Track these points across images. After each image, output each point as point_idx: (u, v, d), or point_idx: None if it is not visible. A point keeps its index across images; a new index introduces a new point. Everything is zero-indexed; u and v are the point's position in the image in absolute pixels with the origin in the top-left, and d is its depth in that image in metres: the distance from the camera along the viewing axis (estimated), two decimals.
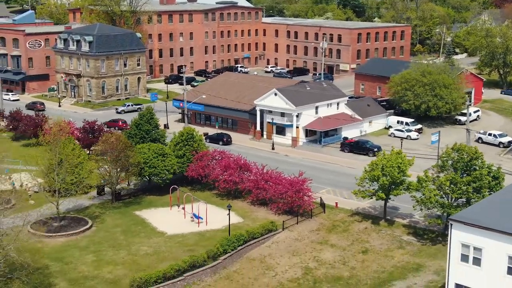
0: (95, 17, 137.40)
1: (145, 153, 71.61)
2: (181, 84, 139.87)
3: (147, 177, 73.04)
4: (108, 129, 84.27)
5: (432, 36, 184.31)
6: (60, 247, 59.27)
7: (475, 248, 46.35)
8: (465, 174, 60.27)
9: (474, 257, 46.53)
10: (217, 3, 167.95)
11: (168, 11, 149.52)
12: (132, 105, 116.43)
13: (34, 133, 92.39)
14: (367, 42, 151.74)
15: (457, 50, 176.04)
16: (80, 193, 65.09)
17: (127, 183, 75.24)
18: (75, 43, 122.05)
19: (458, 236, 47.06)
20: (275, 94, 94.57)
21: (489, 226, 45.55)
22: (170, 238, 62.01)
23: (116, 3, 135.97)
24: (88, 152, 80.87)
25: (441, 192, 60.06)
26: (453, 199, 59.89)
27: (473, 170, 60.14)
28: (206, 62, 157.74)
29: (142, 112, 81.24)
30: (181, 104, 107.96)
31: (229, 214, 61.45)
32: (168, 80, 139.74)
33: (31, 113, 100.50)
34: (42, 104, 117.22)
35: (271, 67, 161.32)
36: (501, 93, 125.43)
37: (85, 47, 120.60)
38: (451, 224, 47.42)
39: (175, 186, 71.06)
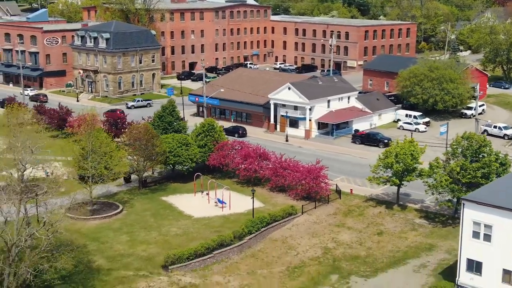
0: (110, 15, 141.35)
1: (169, 143, 75.61)
2: (193, 80, 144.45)
3: (171, 165, 77.08)
4: (133, 121, 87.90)
5: (437, 33, 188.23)
6: (95, 228, 63.28)
7: (485, 226, 50.30)
8: (474, 161, 64.23)
9: (484, 234, 50.48)
10: (226, 1, 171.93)
11: (180, 9, 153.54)
12: (141, 101, 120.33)
13: (59, 125, 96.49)
14: (373, 39, 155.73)
15: (461, 47, 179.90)
16: (111, 178, 68.94)
17: (151, 171, 79.27)
18: (92, 40, 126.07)
19: (470, 214, 51.01)
20: (289, 88, 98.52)
21: (498, 204, 49.52)
22: (197, 221, 66.05)
23: (130, 1, 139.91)
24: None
25: (452, 178, 63.97)
26: (463, 184, 63.83)
27: (482, 157, 64.07)
28: (217, 59, 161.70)
29: (165, 105, 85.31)
30: (196, 99, 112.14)
31: (253, 197, 65.55)
32: (181, 76, 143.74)
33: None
34: (45, 96, 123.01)
35: (279, 63, 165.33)
36: (489, 86, 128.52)
37: (102, 44, 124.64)
38: (464, 204, 51.41)
39: (199, 173, 75.08)
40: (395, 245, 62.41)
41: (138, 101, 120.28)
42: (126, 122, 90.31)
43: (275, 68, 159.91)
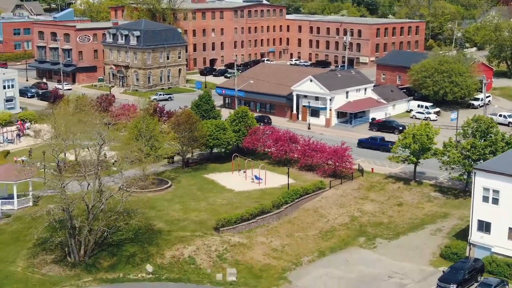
0: (137, 14, 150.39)
1: (209, 127, 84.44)
2: (215, 75, 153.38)
3: (210, 148, 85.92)
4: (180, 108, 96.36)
5: (444, 31, 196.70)
6: (150, 199, 72.02)
7: (493, 191, 58.95)
8: (483, 140, 72.93)
9: (493, 198, 59.14)
10: (244, 1, 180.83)
11: (201, 9, 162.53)
12: (163, 94, 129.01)
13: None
14: (385, 36, 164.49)
15: (467, 44, 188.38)
16: (163, 158, 77.60)
17: (191, 153, 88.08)
18: (123, 37, 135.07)
19: (480, 181, 59.70)
20: (311, 81, 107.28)
21: (505, 172, 58.23)
22: (238, 194, 74.90)
23: (157, 1, 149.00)
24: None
25: (463, 155, 72.63)
26: (473, 160, 72.45)
27: (489, 136, 72.77)
28: (235, 55, 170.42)
29: (202, 95, 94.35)
30: (223, 91, 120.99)
31: (288, 172, 74.47)
32: (204, 72, 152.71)
33: None
34: (45, 83, 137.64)
35: (294, 60, 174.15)
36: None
37: (133, 41, 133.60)
38: (475, 173, 60.14)
39: (236, 154, 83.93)
40: (414, 214, 71.22)
41: (160, 94, 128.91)
42: (165, 111, 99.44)
43: (290, 64, 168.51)
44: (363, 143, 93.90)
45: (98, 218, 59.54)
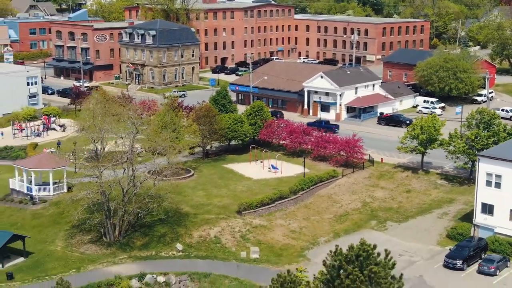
0: (152, 14, 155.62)
1: (227, 121, 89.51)
2: (227, 73, 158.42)
3: (228, 140, 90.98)
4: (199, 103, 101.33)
5: (448, 30, 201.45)
6: (172, 187, 76.56)
7: (496, 175, 63.88)
8: (486, 131, 77.82)
9: (495, 182, 64.07)
10: (253, 1, 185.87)
11: (213, 9, 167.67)
12: (177, 91, 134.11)
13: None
14: (390, 35, 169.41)
15: (470, 43, 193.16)
16: (186, 149, 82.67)
17: (210, 145, 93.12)
18: (139, 36, 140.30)
19: (484, 167, 64.66)
20: (321, 77, 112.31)
21: (506, 158, 63.17)
22: (256, 181, 79.95)
23: (170, 1, 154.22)
24: None
25: (468, 144, 77.53)
26: (477, 150, 77.30)
27: (492, 127, 77.68)
28: (245, 54, 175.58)
29: (219, 90, 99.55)
30: (237, 88, 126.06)
31: (304, 161, 79.58)
32: (216, 70, 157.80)
33: None
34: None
35: (303, 58, 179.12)
36: None
37: (149, 40, 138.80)
38: (479, 159, 65.12)
39: (253, 145, 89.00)
40: (421, 200, 76.19)
41: (175, 92, 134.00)
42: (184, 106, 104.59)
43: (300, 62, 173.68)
44: (310, 125, 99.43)
45: (131, 201, 64.70)
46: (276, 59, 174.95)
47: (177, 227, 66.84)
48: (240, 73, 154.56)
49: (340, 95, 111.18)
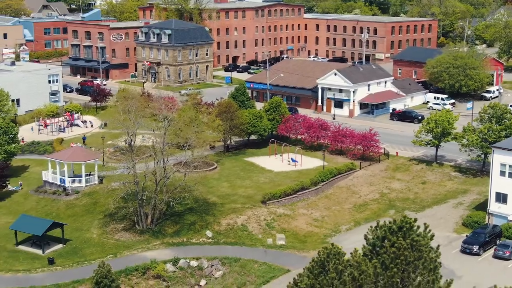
0: (166, 14, 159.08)
1: (247, 116, 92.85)
2: (239, 71, 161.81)
3: (248, 134, 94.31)
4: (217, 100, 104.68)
5: (454, 29, 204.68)
6: (200, 178, 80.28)
7: (509, 166, 67.13)
8: (498, 124, 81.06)
9: (509, 172, 67.34)
10: (264, 1, 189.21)
11: (225, 9, 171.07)
12: (192, 89, 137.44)
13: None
14: (399, 34, 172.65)
15: (476, 42, 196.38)
16: (209, 143, 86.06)
17: (230, 140, 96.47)
18: (155, 36, 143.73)
19: (498, 158, 67.93)
20: (335, 74, 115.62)
21: None
22: (277, 174, 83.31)
23: (184, 1, 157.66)
24: None
25: (480, 138, 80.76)
26: (490, 143, 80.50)
27: (504, 121, 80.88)
28: (256, 53, 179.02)
29: (238, 87, 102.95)
30: (251, 85, 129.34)
31: (323, 153, 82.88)
32: (228, 68, 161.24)
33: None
34: (92, 81, 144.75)
35: (312, 57, 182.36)
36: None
37: (164, 39, 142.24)
38: (493, 150, 68.41)
39: (273, 139, 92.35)
40: (437, 190, 79.48)
41: (190, 89, 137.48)
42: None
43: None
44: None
45: (162, 191, 68.08)
46: (286, 57, 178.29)
47: (206, 216, 70.26)
48: (252, 71, 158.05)
49: (353, 92, 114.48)
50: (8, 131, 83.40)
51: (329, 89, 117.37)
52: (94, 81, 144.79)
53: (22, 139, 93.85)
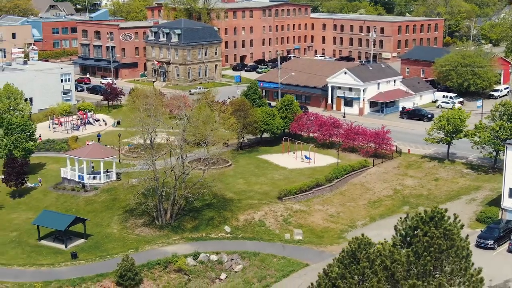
0: (175, 13, 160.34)
1: (260, 114, 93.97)
2: (247, 71, 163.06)
3: (261, 132, 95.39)
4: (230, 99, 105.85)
5: (460, 29, 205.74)
6: (216, 175, 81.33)
7: None
8: (509, 122, 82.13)
9: None
10: (270, 0, 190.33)
11: (233, 8, 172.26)
12: (202, 88, 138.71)
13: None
14: (406, 33, 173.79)
15: (482, 41, 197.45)
16: (224, 141, 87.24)
17: (243, 138, 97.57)
18: (165, 35, 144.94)
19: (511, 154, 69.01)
20: (345, 73, 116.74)
21: None
22: (292, 171, 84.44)
23: (193, 1, 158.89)
24: None
25: (492, 135, 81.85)
26: (501, 140, 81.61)
27: None
28: (263, 52, 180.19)
29: (250, 85, 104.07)
30: (261, 84, 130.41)
31: (338, 151, 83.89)
32: (236, 68, 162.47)
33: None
34: (89, 78, 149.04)
35: (319, 56, 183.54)
36: None
37: (174, 39, 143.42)
38: (507, 147, 69.43)
39: (286, 137, 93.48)
40: (450, 187, 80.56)
41: (200, 88, 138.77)
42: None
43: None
44: None
45: (181, 187, 69.22)
46: (293, 57, 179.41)
47: (224, 211, 71.42)
48: (260, 70, 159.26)
49: (363, 90, 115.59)
50: (26, 128, 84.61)
51: (339, 87, 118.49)
52: (103, 81, 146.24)
53: (40, 136, 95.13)
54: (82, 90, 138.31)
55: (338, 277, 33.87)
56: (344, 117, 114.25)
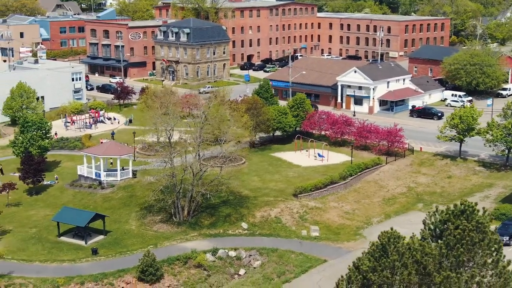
0: (184, 13, 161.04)
1: (272, 112, 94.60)
2: (255, 70, 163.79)
3: (273, 130, 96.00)
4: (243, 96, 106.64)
5: (466, 28, 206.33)
6: (231, 172, 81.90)
7: None
8: None
9: None
10: (277, 0, 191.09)
11: (240, 8, 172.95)
12: (210, 87, 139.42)
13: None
14: (412, 32, 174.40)
15: (488, 40, 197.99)
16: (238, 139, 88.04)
17: (254, 135, 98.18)
18: (174, 34, 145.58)
19: None
20: (355, 71, 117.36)
21: None
22: (305, 168, 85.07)
23: (201, 1, 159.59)
24: None
25: (505, 133, 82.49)
26: None
27: None
28: (270, 51, 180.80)
29: (262, 84, 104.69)
30: (270, 82, 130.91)
31: (352, 149, 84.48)
32: (244, 67, 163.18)
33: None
34: (87, 76, 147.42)
35: (326, 55, 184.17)
36: None
37: (183, 38, 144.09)
38: None
39: (299, 135, 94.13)
40: (463, 184, 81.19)
41: (208, 87, 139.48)
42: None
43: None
44: None
45: (198, 184, 69.88)
46: (300, 56, 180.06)
47: (240, 208, 72.07)
48: (267, 69, 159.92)
49: (373, 89, 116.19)
50: (42, 126, 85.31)
51: (349, 86, 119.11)
52: (112, 80, 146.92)
53: (56, 133, 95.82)
54: (91, 89, 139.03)
55: (370, 270, 34.48)
56: (354, 115, 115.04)
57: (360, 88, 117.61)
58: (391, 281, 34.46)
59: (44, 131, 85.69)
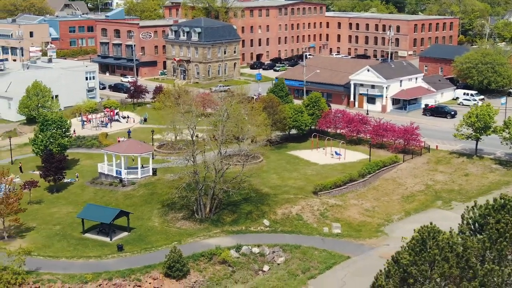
0: (195, 12, 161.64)
1: (288, 111, 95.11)
2: (264, 69, 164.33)
3: (289, 128, 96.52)
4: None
5: (474, 27, 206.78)
6: (250, 170, 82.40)
7: None
8: None
9: None
10: None
11: (250, 7, 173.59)
12: (222, 86, 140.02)
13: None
14: (421, 32, 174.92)
15: (496, 39, 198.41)
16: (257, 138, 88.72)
17: (271, 135, 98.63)
18: (185, 34, 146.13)
19: None
20: (368, 70, 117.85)
21: None
22: (323, 166, 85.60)
23: (211, 0, 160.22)
24: None
25: None
26: None
27: None
28: (279, 51, 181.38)
29: (277, 83, 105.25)
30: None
31: (370, 147, 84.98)
32: (254, 66, 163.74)
33: None
34: None
35: (335, 54, 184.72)
36: None
37: (194, 37, 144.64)
38: None
39: (315, 133, 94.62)
40: (480, 182, 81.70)
41: (220, 86, 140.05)
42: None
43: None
44: None
45: (220, 182, 70.39)
46: (309, 55, 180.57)
47: (261, 205, 72.61)
48: (277, 68, 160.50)
49: (386, 88, 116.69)
50: (61, 125, 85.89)
51: (361, 85, 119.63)
52: (123, 79, 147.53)
53: (74, 131, 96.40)
54: (103, 88, 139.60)
55: (410, 264, 35.00)
56: (367, 114, 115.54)
57: (373, 86, 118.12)
58: (430, 274, 34.97)
59: (63, 129, 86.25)
